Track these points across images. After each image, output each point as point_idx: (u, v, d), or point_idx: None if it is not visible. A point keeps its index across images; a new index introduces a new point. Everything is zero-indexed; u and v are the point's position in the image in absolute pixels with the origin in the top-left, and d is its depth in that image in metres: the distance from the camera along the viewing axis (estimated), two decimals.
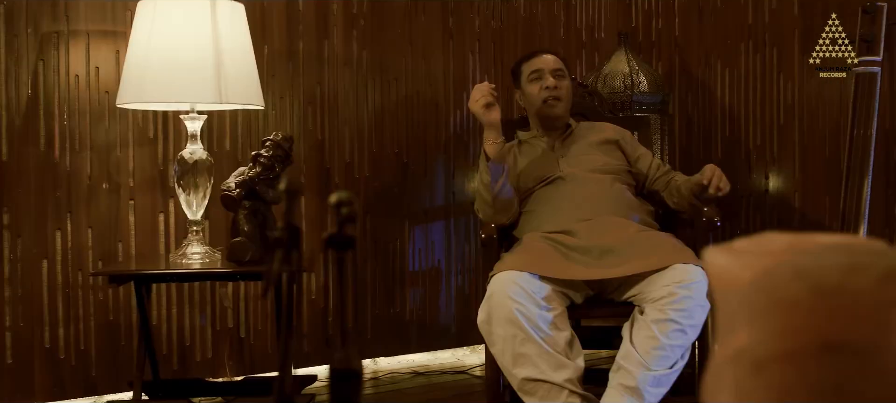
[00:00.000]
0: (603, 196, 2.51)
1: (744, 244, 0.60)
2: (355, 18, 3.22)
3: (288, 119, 3.10)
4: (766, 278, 0.57)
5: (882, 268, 0.56)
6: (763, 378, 0.57)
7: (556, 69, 2.68)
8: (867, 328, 0.57)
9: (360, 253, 3.25)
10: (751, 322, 0.58)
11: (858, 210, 2.74)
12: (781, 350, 0.57)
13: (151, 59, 2.32)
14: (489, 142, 2.43)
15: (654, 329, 2.14)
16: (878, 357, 0.57)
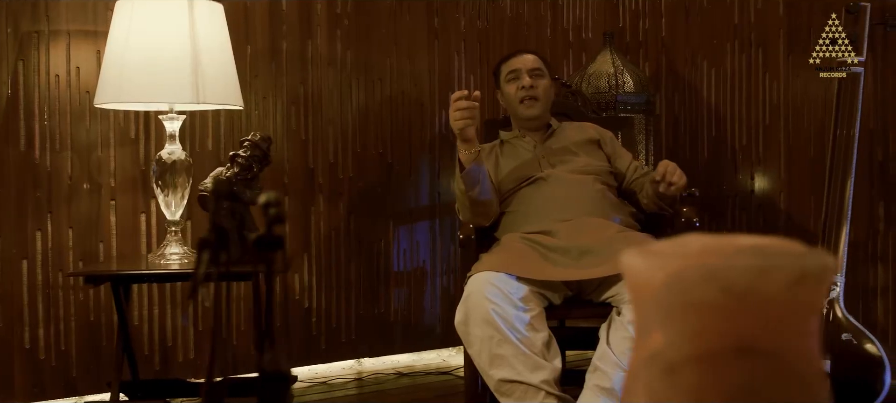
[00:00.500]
0: (584, 196, 2.50)
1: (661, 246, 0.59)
2: (339, 18, 3.21)
3: (271, 119, 3.09)
4: (677, 280, 0.56)
5: (794, 271, 0.55)
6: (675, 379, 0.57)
7: (534, 69, 2.67)
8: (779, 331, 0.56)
9: (345, 253, 3.24)
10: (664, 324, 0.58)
11: (841, 210, 2.73)
12: (693, 352, 0.57)
13: (129, 59, 2.31)
14: (463, 151, 2.40)
15: (631, 329, 2.13)
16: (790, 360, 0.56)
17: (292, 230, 3.13)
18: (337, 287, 3.23)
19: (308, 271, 3.18)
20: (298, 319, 3.16)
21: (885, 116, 2.95)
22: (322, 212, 3.19)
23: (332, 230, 3.21)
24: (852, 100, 2.79)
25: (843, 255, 2.71)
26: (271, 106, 3.09)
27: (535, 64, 2.69)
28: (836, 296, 2.69)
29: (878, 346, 2.58)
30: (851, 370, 2.60)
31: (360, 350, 3.30)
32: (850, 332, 2.63)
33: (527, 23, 3.65)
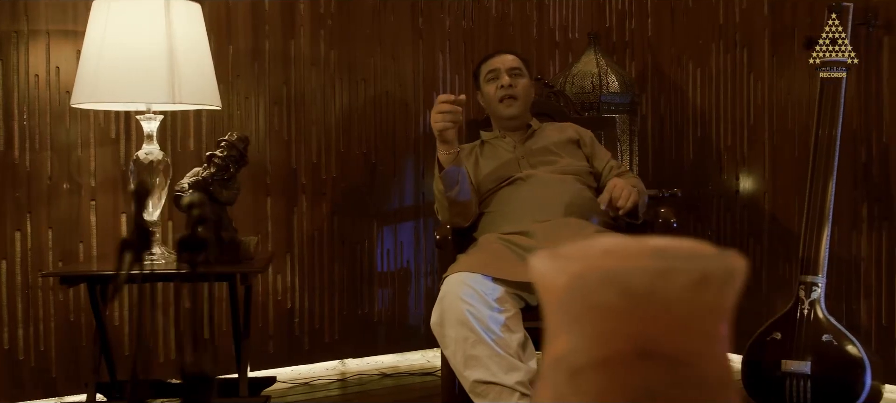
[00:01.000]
0: (562, 197, 2.49)
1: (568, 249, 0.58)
2: (322, 18, 3.21)
3: (253, 119, 3.08)
4: (578, 283, 0.55)
5: (695, 274, 0.54)
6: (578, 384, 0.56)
7: (513, 68, 2.66)
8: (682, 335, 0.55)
9: (328, 254, 3.23)
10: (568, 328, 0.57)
11: (822, 211, 2.73)
12: (596, 357, 0.56)
13: (104, 59, 2.31)
14: (442, 152, 2.40)
15: None
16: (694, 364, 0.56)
17: (274, 230, 3.12)
18: (320, 287, 3.23)
19: (291, 271, 3.17)
20: (281, 320, 3.16)
21: (869, 117, 2.94)
22: (305, 213, 3.18)
23: (316, 230, 3.21)
24: (834, 100, 2.78)
25: (824, 256, 2.70)
26: (254, 106, 3.08)
27: (514, 63, 2.68)
28: (817, 297, 2.68)
29: (858, 347, 2.57)
30: (832, 371, 2.59)
31: (343, 350, 3.30)
32: (830, 333, 2.62)
33: (512, 23, 3.64)
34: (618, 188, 2.37)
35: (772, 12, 3.22)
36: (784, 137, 3.18)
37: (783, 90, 3.20)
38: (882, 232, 2.92)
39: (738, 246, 3.35)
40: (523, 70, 2.70)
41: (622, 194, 2.35)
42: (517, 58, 2.73)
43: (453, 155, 2.40)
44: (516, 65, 2.69)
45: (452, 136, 2.37)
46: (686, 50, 3.51)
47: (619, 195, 2.33)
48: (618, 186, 2.37)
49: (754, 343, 2.73)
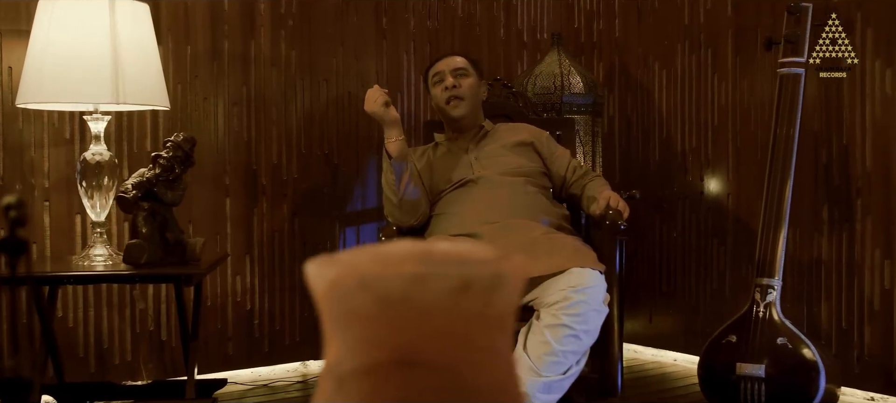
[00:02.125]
0: (512, 199, 2.48)
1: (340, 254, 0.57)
2: (283, 18, 3.19)
3: (212, 120, 3.07)
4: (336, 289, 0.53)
5: (454, 280, 0.52)
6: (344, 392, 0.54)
7: (458, 69, 2.64)
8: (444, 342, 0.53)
9: (289, 255, 3.22)
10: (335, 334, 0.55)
11: (779, 212, 2.70)
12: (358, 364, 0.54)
13: (48, 60, 2.30)
14: (391, 140, 2.40)
15: (548, 334, 2.10)
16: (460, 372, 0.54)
17: (233, 232, 3.11)
18: (281, 289, 3.21)
19: (250, 273, 3.15)
20: (241, 321, 3.14)
21: (829, 118, 2.92)
22: (265, 214, 3.17)
23: (276, 232, 3.19)
24: (793, 100, 2.76)
25: (780, 258, 2.68)
26: (212, 106, 3.07)
27: (459, 64, 2.66)
28: (772, 300, 2.66)
29: (813, 350, 2.55)
30: (786, 374, 2.57)
31: (305, 352, 3.28)
32: (785, 336, 2.60)
33: (479, 23, 3.62)
34: (614, 199, 2.37)
35: (735, 12, 3.20)
36: (747, 138, 3.16)
37: (746, 91, 3.18)
38: (842, 235, 2.89)
39: (703, 247, 3.33)
40: (469, 70, 2.67)
41: (620, 204, 2.35)
42: (465, 59, 2.71)
43: (401, 143, 2.42)
44: (462, 65, 2.67)
45: (395, 114, 2.40)
46: (652, 50, 3.49)
47: (617, 204, 2.33)
48: (615, 197, 2.37)
49: (710, 346, 2.71)
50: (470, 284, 0.53)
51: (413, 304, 0.52)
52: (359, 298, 0.53)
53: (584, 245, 2.36)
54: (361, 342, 0.54)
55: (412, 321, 0.53)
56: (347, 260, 0.55)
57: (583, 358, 2.17)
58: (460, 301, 0.53)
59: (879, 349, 2.82)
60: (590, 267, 2.18)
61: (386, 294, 0.52)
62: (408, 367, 0.53)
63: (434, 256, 0.56)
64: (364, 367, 0.54)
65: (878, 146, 2.80)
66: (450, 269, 0.53)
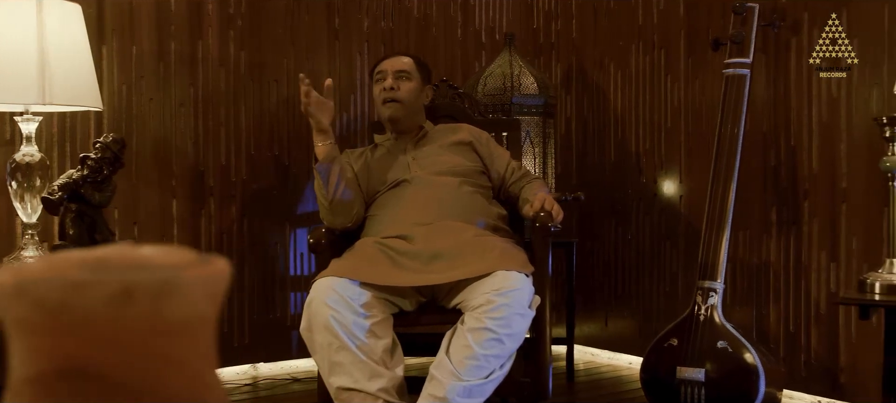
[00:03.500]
0: (446, 199, 2.45)
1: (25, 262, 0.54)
2: (232, 18, 3.17)
3: (159, 121, 3.05)
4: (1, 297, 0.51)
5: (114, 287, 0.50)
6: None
7: (400, 70, 2.61)
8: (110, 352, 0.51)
9: (237, 257, 3.20)
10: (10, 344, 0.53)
11: (722, 213, 2.68)
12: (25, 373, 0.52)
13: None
14: (317, 143, 2.39)
15: (470, 337, 2.08)
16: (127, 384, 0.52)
17: (180, 233, 3.09)
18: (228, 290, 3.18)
19: None
20: None
21: (777, 120, 2.90)
22: (213, 215, 3.15)
23: (224, 233, 3.17)
24: (737, 101, 2.73)
25: (723, 261, 2.65)
26: (158, 107, 3.05)
27: (403, 66, 2.63)
28: (714, 303, 2.63)
29: (753, 354, 2.52)
30: (726, 378, 2.55)
31: (255, 355, 3.26)
32: (726, 340, 2.57)
33: (435, 24, 3.60)
34: (548, 201, 2.34)
35: (687, 13, 3.18)
36: (698, 139, 3.14)
37: (698, 92, 3.15)
38: (790, 237, 2.87)
39: (656, 249, 3.30)
40: (413, 74, 2.64)
41: (554, 207, 2.32)
42: (412, 61, 2.69)
43: (329, 146, 2.39)
44: (405, 68, 2.64)
45: (326, 125, 2.37)
46: (608, 51, 3.47)
47: (550, 207, 2.30)
48: (548, 200, 2.34)
49: (652, 349, 2.69)
50: (132, 291, 0.51)
51: (72, 312, 0.50)
52: (17, 305, 0.51)
53: (514, 247, 2.33)
54: (28, 351, 0.52)
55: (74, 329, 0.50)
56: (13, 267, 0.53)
57: (508, 362, 2.15)
58: (123, 308, 0.50)
59: (825, 352, 2.79)
60: (516, 270, 2.16)
61: (42, 301, 0.50)
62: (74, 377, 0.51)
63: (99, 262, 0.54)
64: (30, 377, 0.52)
65: (824, 148, 2.78)
66: (109, 276, 0.51)
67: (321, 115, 2.37)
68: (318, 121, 2.38)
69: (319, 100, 2.38)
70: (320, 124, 2.38)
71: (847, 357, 2.73)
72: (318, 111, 2.36)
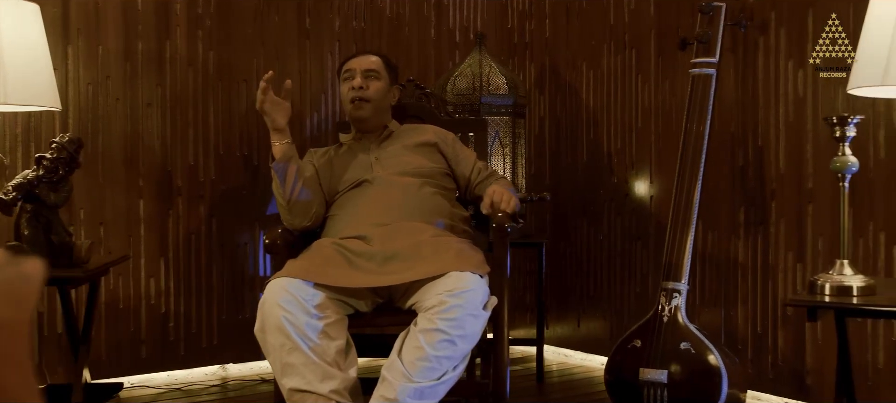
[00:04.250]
0: (406, 200, 2.44)
1: None
2: (200, 18, 3.16)
3: (127, 121, 3.03)
4: None
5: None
6: None
7: (369, 69, 2.60)
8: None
9: (206, 257, 3.19)
10: None
11: (687, 213, 2.66)
12: None
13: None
14: (274, 143, 2.38)
15: (422, 339, 2.06)
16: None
17: (147, 233, 3.08)
18: (197, 291, 3.18)
19: (165, 275, 3.12)
20: (155, 324, 3.11)
21: (746, 120, 2.88)
22: (181, 215, 3.14)
23: (192, 233, 3.16)
24: (703, 100, 2.72)
25: (687, 261, 2.64)
26: (125, 107, 3.04)
27: (372, 65, 2.63)
28: (677, 304, 2.62)
29: (716, 355, 2.51)
30: (689, 379, 2.53)
31: (224, 356, 3.24)
32: (689, 341, 2.56)
33: (408, 23, 3.59)
34: (498, 193, 2.32)
35: (657, 13, 3.16)
36: (668, 140, 3.12)
37: (668, 92, 3.14)
38: (758, 238, 2.85)
39: (627, 250, 3.29)
40: (382, 73, 2.63)
41: (503, 198, 2.31)
42: (381, 60, 2.67)
43: (285, 145, 2.38)
44: (374, 67, 2.63)
45: (282, 123, 2.36)
46: (580, 51, 3.46)
47: (500, 199, 2.28)
48: (498, 192, 2.33)
49: (617, 351, 2.68)
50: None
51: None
52: None
53: (471, 248, 2.32)
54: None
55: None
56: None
57: (461, 364, 2.13)
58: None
59: (792, 353, 2.77)
60: (470, 271, 2.14)
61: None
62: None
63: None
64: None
65: (790, 148, 2.76)
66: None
67: (276, 115, 2.36)
68: (274, 120, 2.37)
69: (275, 100, 2.36)
70: (275, 123, 2.37)
71: (813, 359, 2.71)
72: (273, 110, 2.35)
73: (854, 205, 2.58)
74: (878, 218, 2.55)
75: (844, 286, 1.88)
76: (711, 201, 2.94)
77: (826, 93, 2.66)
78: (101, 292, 2.92)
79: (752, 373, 2.86)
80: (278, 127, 2.36)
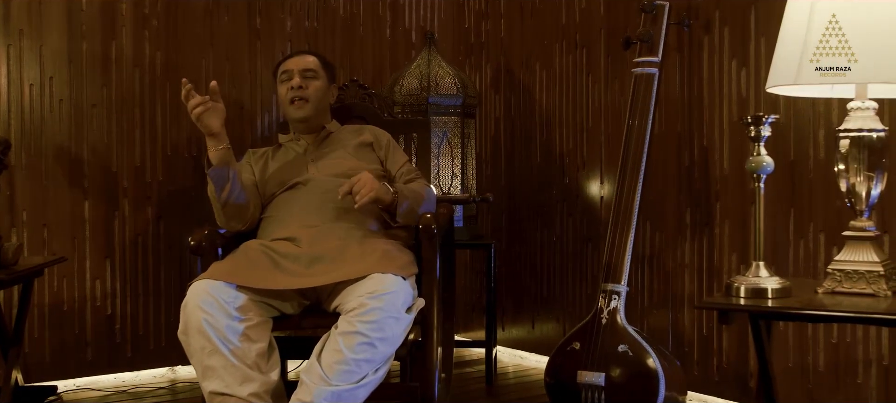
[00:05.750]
0: (339, 202, 2.41)
1: None
2: (147, 18, 3.14)
3: (70, 122, 3.01)
4: None
5: None
6: None
7: (307, 69, 2.59)
8: None
9: (153, 259, 3.16)
10: None
11: (628, 212, 2.63)
12: None
13: None
14: (210, 148, 2.35)
15: (341, 342, 2.04)
16: None
17: (92, 235, 3.05)
18: (144, 293, 3.16)
19: (111, 277, 3.10)
20: (100, 326, 3.09)
21: (691, 120, 2.86)
22: (127, 217, 3.12)
23: (139, 235, 3.14)
24: (645, 100, 2.69)
25: (627, 262, 2.61)
26: (69, 108, 3.02)
27: (309, 65, 2.61)
28: (616, 306, 2.59)
29: (654, 358, 2.48)
30: (626, 382, 2.51)
31: (172, 357, 3.22)
32: (627, 344, 2.53)
33: (363, 23, 3.56)
34: (360, 182, 2.28)
35: (607, 12, 3.14)
36: (617, 140, 3.09)
37: (617, 92, 3.11)
38: (703, 239, 2.83)
39: (578, 251, 3.26)
40: (319, 73, 2.62)
41: (363, 189, 2.25)
42: (317, 60, 2.66)
43: (222, 151, 2.35)
44: (312, 66, 2.61)
45: (217, 127, 2.32)
46: (534, 51, 3.43)
47: (359, 189, 2.25)
48: (361, 180, 2.28)
49: (556, 353, 2.65)
50: None
51: None
52: None
53: (398, 249, 2.29)
54: None
55: None
56: None
57: (383, 367, 2.11)
58: None
59: (736, 356, 2.75)
60: (393, 273, 2.12)
61: None
62: None
63: None
64: None
65: (734, 147, 2.74)
66: None
67: (210, 120, 2.32)
68: (208, 126, 2.34)
69: (208, 105, 2.33)
70: (210, 128, 2.34)
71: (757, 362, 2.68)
72: (206, 116, 2.32)
73: (794, 206, 2.56)
74: (817, 219, 2.52)
75: (759, 288, 1.85)
76: (657, 202, 2.92)
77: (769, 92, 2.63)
78: (42, 294, 2.91)
79: (698, 376, 2.84)
80: (213, 131, 2.33)
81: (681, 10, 2.82)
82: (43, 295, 2.96)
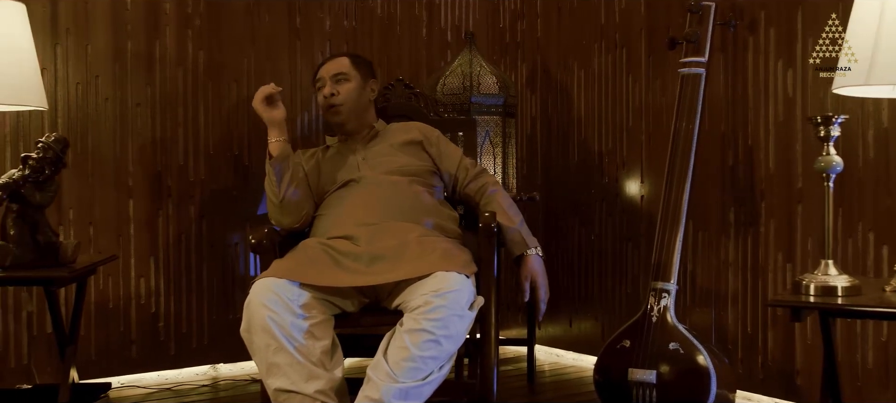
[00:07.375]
0: (393, 199, 2.43)
1: None
2: (190, 18, 3.15)
3: (117, 121, 3.03)
4: None
5: None
6: None
7: (338, 73, 2.58)
8: None
9: (195, 257, 3.18)
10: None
11: (676, 212, 2.65)
12: None
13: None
14: (272, 140, 2.38)
15: (407, 339, 2.06)
16: None
17: (137, 234, 3.07)
18: (187, 291, 3.17)
19: (155, 275, 3.12)
20: (145, 324, 3.10)
21: (736, 119, 2.88)
22: (171, 216, 3.13)
23: (182, 233, 3.15)
24: (692, 100, 2.71)
25: (676, 261, 2.63)
26: (115, 107, 3.03)
27: (339, 68, 2.59)
28: (666, 304, 2.61)
29: (705, 356, 2.50)
30: (678, 380, 2.52)
31: (213, 356, 3.24)
32: (678, 342, 2.55)
33: (400, 22, 3.58)
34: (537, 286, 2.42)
35: (647, 12, 3.16)
36: (659, 139, 3.11)
37: (658, 91, 3.13)
38: (748, 238, 2.85)
39: (618, 250, 3.28)
40: (351, 73, 2.60)
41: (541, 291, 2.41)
42: (349, 60, 2.63)
43: (282, 143, 2.39)
44: (343, 69, 2.59)
45: (279, 116, 2.37)
46: (572, 51, 3.45)
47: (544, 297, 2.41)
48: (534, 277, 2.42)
49: (605, 351, 2.67)
50: None
51: None
52: None
53: (457, 247, 2.31)
54: None
55: None
56: None
57: (447, 364, 2.12)
58: None
59: (781, 354, 2.77)
60: (455, 271, 2.13)
61: None
62: None
63: None
64: None
65: (780, 147, 2.75)
66: None
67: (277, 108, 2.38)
68: (273, 115, 2.39)
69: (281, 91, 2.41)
70: (274, 118, 2.40)
71: (803, 359, 2.71)
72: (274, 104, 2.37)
73: (843, 205, 2.58)
74: (867, 217, 2.54)
75: (829, 286, 1.87)
76: (701, 201, 2.93)
77: (815, 92, 2.65)
78: (88, 292, 2.92)
79: (742, 373, 2.85)
80: (277, 120, 2.37)
81: (726, 10, 2.83)
82: (90, 294, 2.97)
